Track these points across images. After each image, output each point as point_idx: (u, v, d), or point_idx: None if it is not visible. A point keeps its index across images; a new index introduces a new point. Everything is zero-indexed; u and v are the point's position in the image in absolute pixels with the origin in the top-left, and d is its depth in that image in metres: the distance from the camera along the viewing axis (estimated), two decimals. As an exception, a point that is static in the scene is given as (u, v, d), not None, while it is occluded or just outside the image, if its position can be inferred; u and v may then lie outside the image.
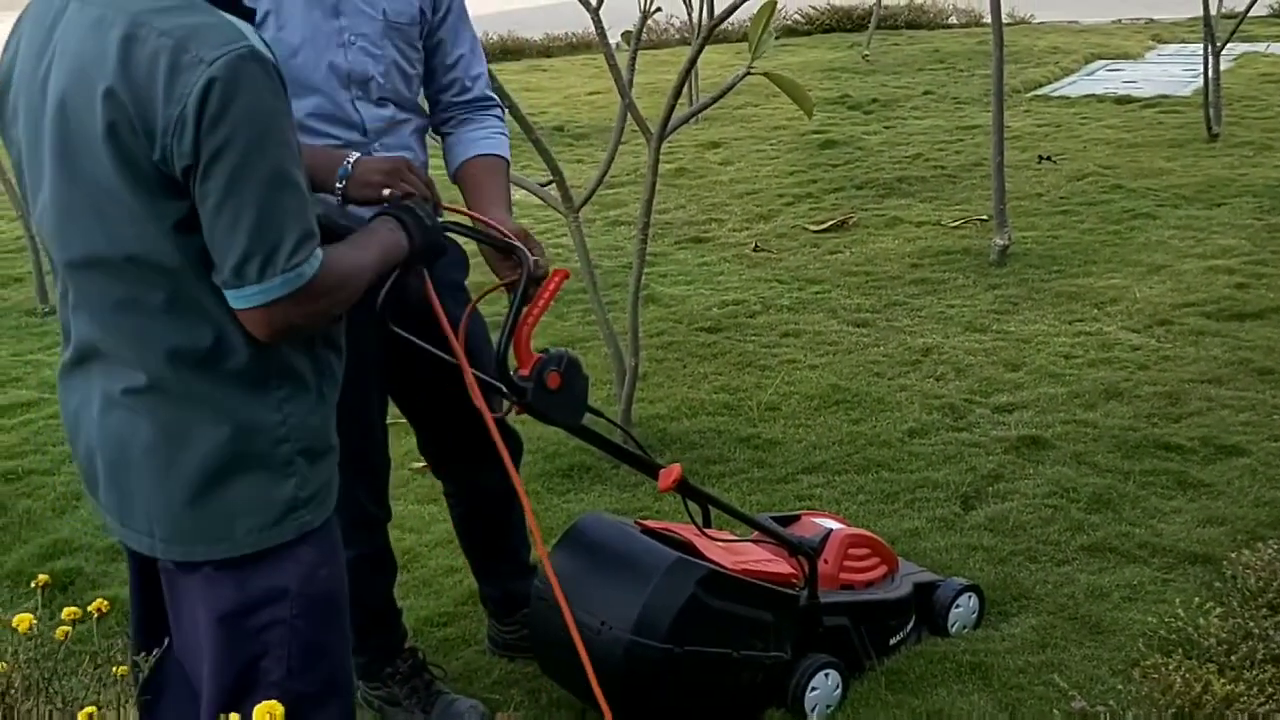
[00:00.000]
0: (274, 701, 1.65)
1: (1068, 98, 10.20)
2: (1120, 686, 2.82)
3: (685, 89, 9.04)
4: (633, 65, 4.37)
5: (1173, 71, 10.98)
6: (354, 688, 2.03)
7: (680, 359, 5.05)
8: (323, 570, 1.88)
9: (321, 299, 1.73)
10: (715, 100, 4.29)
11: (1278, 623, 2.91)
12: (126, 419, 1.80)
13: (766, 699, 2.80)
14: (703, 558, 2.69)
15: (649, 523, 2.86)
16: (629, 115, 4.19)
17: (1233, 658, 2.78)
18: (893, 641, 3.02)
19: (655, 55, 12.75)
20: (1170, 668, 2.74)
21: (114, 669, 2.02)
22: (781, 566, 2.84)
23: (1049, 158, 8.02)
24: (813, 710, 2.79)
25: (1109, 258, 6.03)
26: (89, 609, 2.02)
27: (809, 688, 2.79)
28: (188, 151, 1.61)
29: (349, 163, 2.14)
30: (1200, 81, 8.48)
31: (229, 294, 1.68)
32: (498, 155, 2.68)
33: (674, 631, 2.55)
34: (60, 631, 2.05)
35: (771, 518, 3.03)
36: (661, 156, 4.11)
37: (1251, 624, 2.90)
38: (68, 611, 2.07)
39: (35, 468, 4.39)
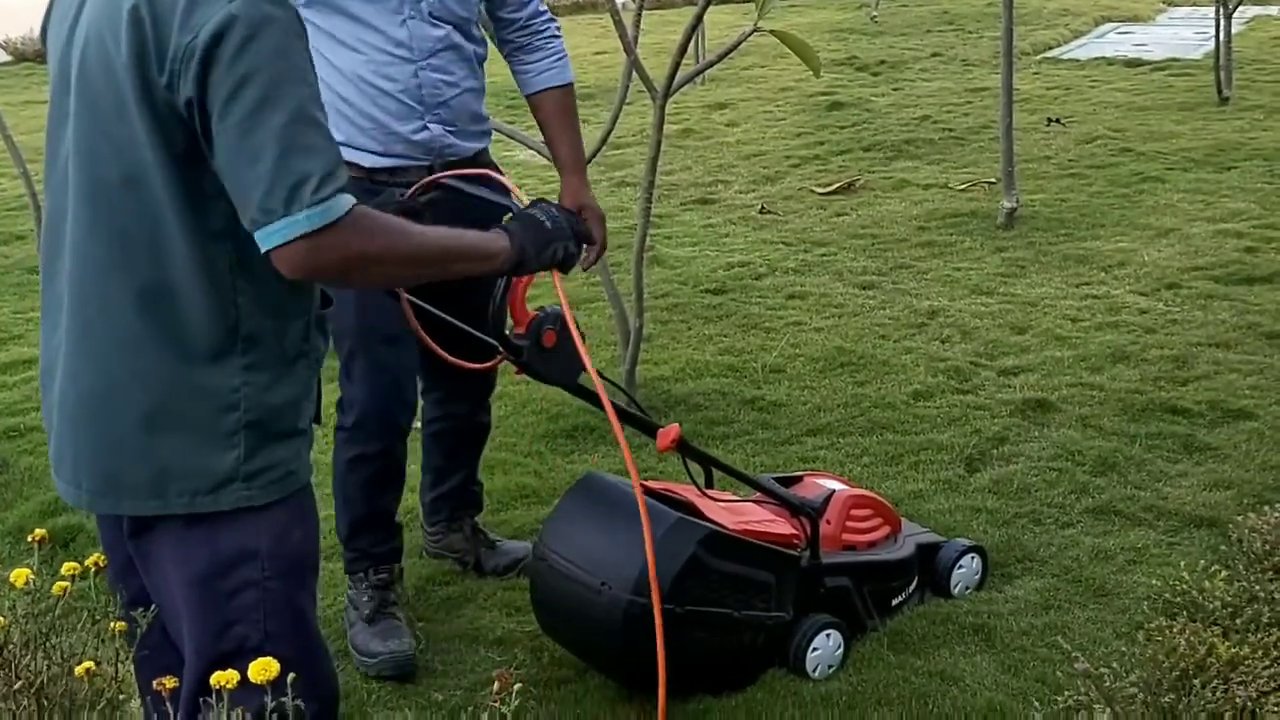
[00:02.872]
0: (269, 659, 1.64)
1: (1077, 60, 10.12)
2: (1124, 649, 2.81)
3: (692, 49, 9.00)
4: (638, 22, 4.32)
5: (1183, 34, 10.89)
6: (328, 650, 1.99)
7: (685, 321, 5.02)
8: (296, 531, 1.83)
9: (353, 243, 1.66)
10: (721, 58, 4.25)
11: (1283, 586, 2.89)
12: (76, 358, 1.77)
13: (768, 660, 2.79)
14: (703, 518, 2.68)
15: (650, 483, 2.83)
16: (634, 74, 4.14)
17: (1237, 621, 2.77)
18: (895, 602, 3.01)
19: (662, 15, 12.64)
20: (1175, 630, 2.72)
21: (112, 624, 2.01)
22: (783, 527, 2.83)
23: (1058, 120, 7.96)
24: (814, 670, 2.79)
25: (1117, 221, 5.98)
26: (87, 564, 2.00)
27: (810, 648, 2.78)
28: (192, 84, 1.59)
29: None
30: (1211, 44, 8.42)
31: (258, 235, 1.63)
32: (564, 85, 2.93)
33: (674, 591, 2.53)
34: (58, 587, 2.04)
35: (774, 479, 3.02)
36: (667, 117, 4.07)
37: (1257, 587, 2.89)
38: (67, 567, 2.06)
39: (37, 424, 4.38)
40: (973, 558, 3.15)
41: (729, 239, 6.10)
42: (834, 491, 3.00)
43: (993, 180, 6.53)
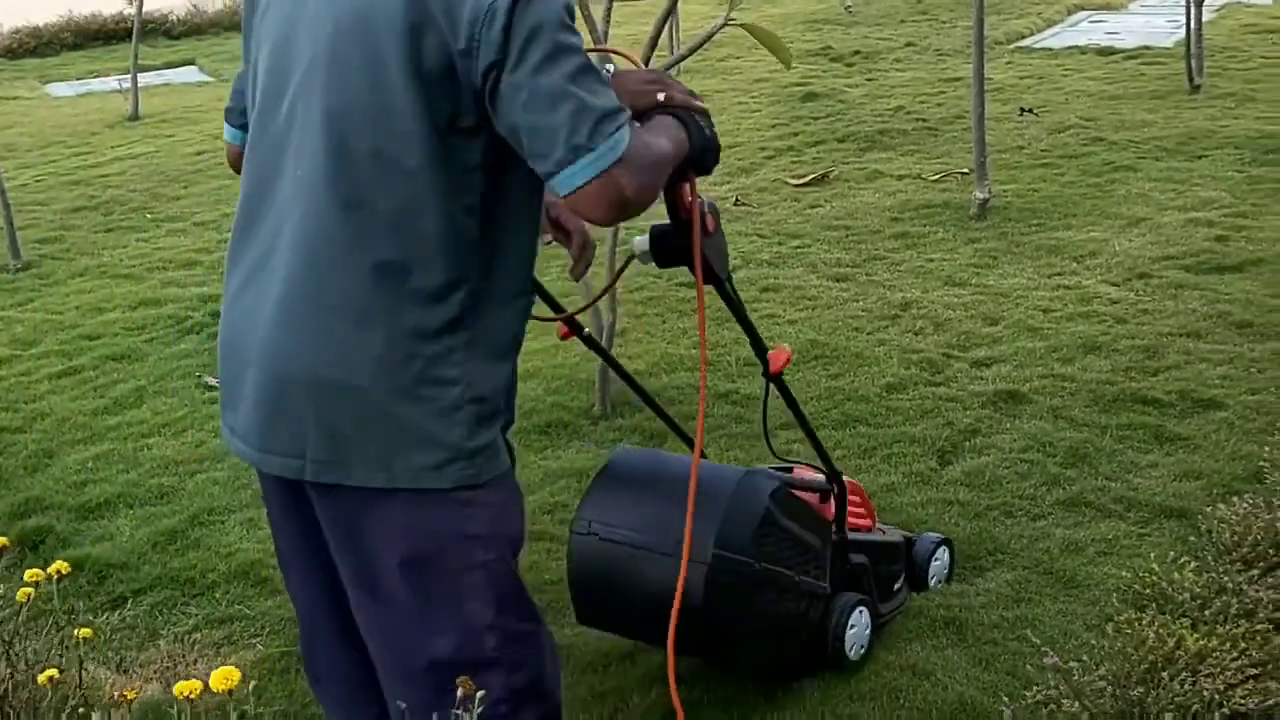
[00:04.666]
0: (230, 668, 1.64)
1: (1050, 49, 10.13)
2: (1094, 641, 2.83)
3: (666, 41, 8.97)
4: (608, 17, 4.30)
5: (1155, 22, 10.91)
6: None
7: (660, 314, 5.02)
8: (512, 508, 1.87)
9: (644, 172, 1.70)
10: (693, 51, 4.24)
11: (1252, 577, 2.92)
12: (301, 330, 1.75)
13: (811, 645, 2.72)
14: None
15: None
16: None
17: (1206, 613, 2.79)
18: (895, 588, 3.00)
19: (637, 6, 12.59)
20: (1143, 623, 2.74)
21: (76, 630, 2.00)
22: (814, 499, 2.77)
23: (1030, 110, 7.97)
24: (851, 649, 2.76)
25: (1089, 210, 6.00)
26: (49, 571, 1.99)
27: (849, 624, 2.74)
28: (495, 43, 1.61)
29: (608, 69, 2.08)
30: (1183, 32, 8.43)
31: (565, 175, 1.64)
32: None
33: (755, 544, 2.47)
34: (22, 593, 2.03)
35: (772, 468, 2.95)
36: (639, 109, 4.05)
37: (1225, 579, 2.91)
38: (30, 574, 2.05)
39: (6, 425, 4.35)
40: (945, 550, 3.16)
41: (703, 232, 6.08)
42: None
43: (966, 171, 6.54)
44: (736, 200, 6.54)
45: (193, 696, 1.72)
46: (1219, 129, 7.18)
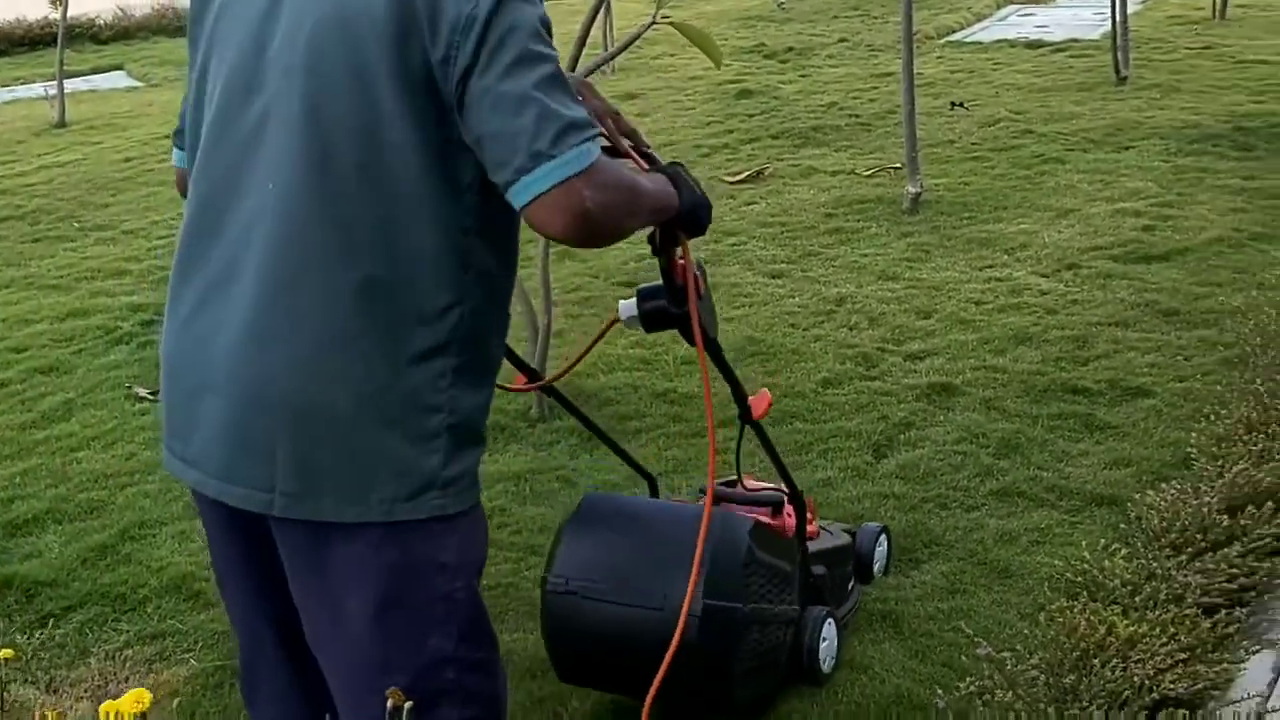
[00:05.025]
0: (142, 690, 1.61)
1: (980, 43, 10.24)
2: (1027, 631, 2.86)
3: (601, 38, 8.96)
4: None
5: (1083, 15, 11.05)
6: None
7: (597, 314, 5.00)
8: (476, 536, 1.80)
9: (610, 191, 1.61)
10: (621, 50, 4.24)
11: (1180, 563, 2.96)
12: (275, 350, 1.65)
13: (789, 667, 2.70)
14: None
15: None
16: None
17: (1136, 599, 2.83)
18: (849, 587, 3.00)
19: (571, 5, 12.59)
20: (1075, 611, 2.78)
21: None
22: (770, 517, 2.73)
23: (961, 104, 8.05)
24: (825, 663, 2.74)
25: (1019, 203, 6.07)
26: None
27: (821, 638, 2.72)
28: (469, 53, 1.57)
29: None
30: (1110, 25, 8.55)
31: (522, 184, 1.57)
32: None
33: (743, 588, 2.42)
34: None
35: (721, 484, 2.94)
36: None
37: (1154, 565, 2.96)
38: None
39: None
40: (884, 538, 3.19)
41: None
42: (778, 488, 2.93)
43: (898, 166, 6.59)
44: (672, 198, 6.54)
45: (121, 714, 1.69)
46: (1145, 120, 7.30)
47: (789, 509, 2.83)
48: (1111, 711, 2.44)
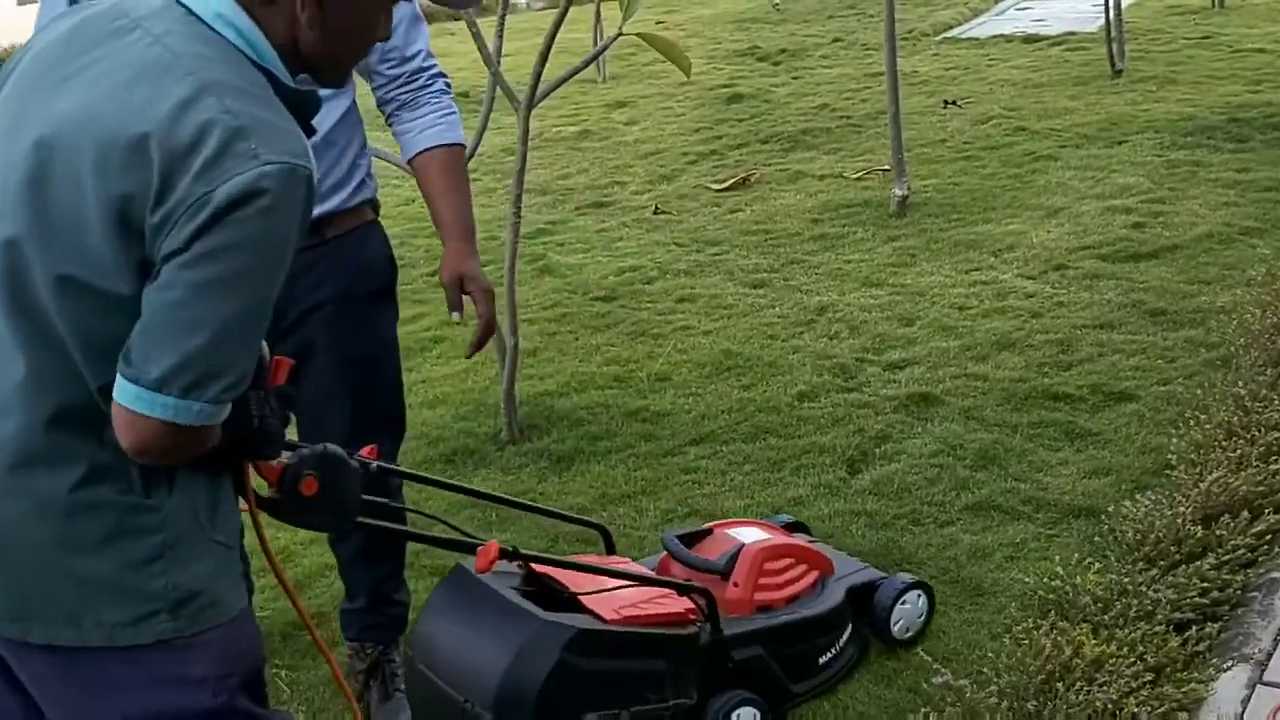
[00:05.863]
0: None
1: (977, 39, 10.15)
2: (993, 653, 2.78)
3: (594, 44, 8.91)
4: (500, 33, 4.23)
5: (1081, 7, 10.95)
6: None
7: (573, 331, 4.94)
8: (242, 642, 1.66)
9: (181, 451, 1.51)
10: (585, 65, 4.17)
11: (1153, 577, 2.88)
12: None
13: None
14: (582, 610, 2.41)
15: (539, 565, 2.47)
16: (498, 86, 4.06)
17: (1107, 616, 2.74)
18: (823, 660, 2.73)
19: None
20: (1041, 631, 2.69)
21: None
22: (675, 604, 2.53)
23: (954, 102, 7.96)
24: None
25: (1009, 203, 5.98)
26: None
27: None
28: (187, 237, 1.41)
29: None
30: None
31: (130, 389, 1.45)
32: (452, 145, 2.62)
33: (541, 704, 2.29)
34: None
35: (678, 536, 2.80)
36: (566, 119, 4.02)
37: (1126, 580, 2.87)
38: None
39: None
40: (917, 595, 2.89)
41: (621, 243, 6.03)
42: (743, 546, 2.73)
43: (887, 168, 6.51)
44: (656, 209, 6.48)
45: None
46: (1139, 113, 7.19)
47: (735, 579, 2.67)
48: (1074, 738, 2.36)
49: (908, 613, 2.88)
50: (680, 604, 2.53)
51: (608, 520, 3.31)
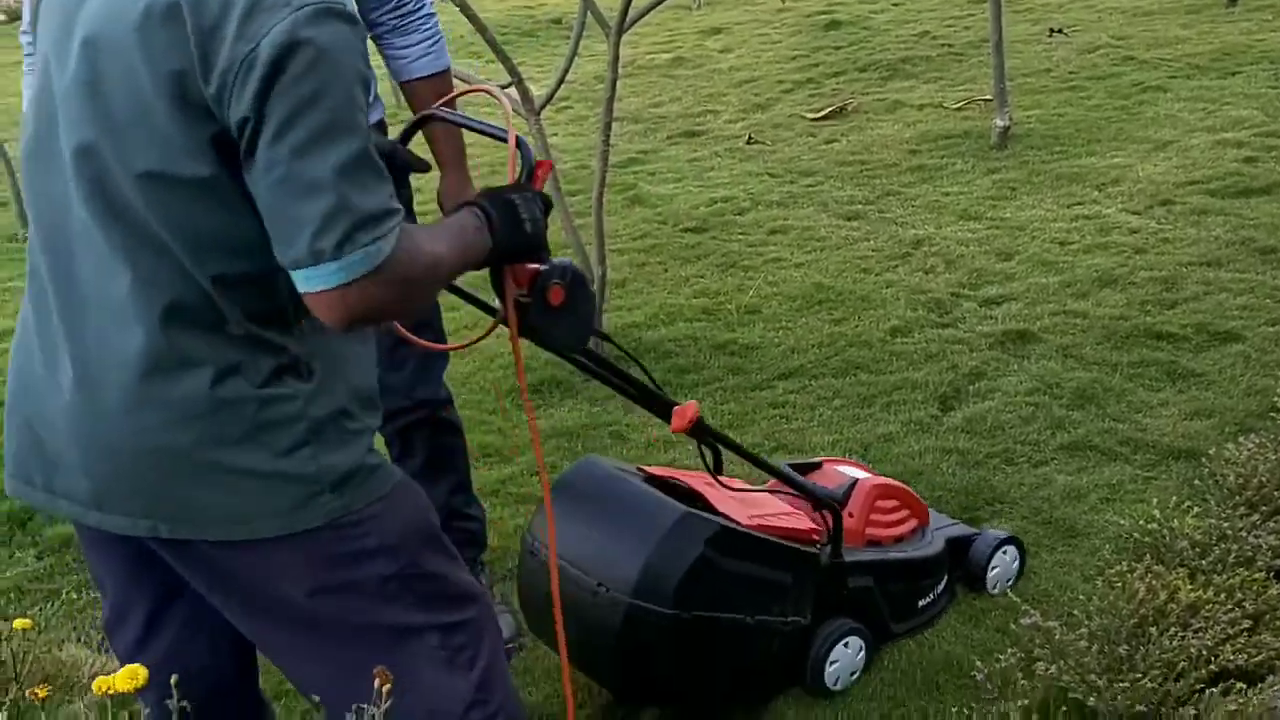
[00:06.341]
0: (137, 665, 1.58)
1: (1086, -36, 9.79)
2: (1085, 595, 2.73)
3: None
4: None
5: (1197, -69, 10.49)
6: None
7: (662, 262, 4.91)
8: (407, 509, 1.70)
9: (402, 283, 1.51)
10: (641, 17, 4.08)
11: (1254, 523, 2.79)
12: (101, 390, 1.57)
13: (782, 676, 2.54)
14: (714, 511, 2.40)
15: (653, 469, 2.54)
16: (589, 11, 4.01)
17: (1204, 561, 2.67)
18: (922, 604, 2.74)
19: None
20: (1135, 575, 2.63)
21: (14, 623, 1.96)
22: (802, 521, 2.55)
23: (1060, 30, 7.71)
24: (834, 683, 2.55)
25: (1114, 135, 5.79)
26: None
27: (829, 659, 2.53)
28: (248, 102, 1.41)
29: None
30: (1221, -59, 8.09)
31: (301, 274, 1.46)
32: (441, 72, 2.64)
33: (680, 595, 2.28)
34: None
35: (791, 465, 2.75)
36: (660, 45, 3.95)
37: (1226, 525, 2.79)
38: None
39: None
40: (1007, 550, 2.87)
41: (714, 172, 5.96)
42: (857, 480, 2.73)
43: (989, 98, 6.34)
44: (750, 138, 6.39)
45: (110, 692, 1.67)
46: (1255, 43, 6.90)
47: (850, 510, 2.66)
48: (1166, 684, 2.31)
49: (1003, 566, 2.85)
50: (805, 522, 2.55)
51: (693, 454, 3.30)
